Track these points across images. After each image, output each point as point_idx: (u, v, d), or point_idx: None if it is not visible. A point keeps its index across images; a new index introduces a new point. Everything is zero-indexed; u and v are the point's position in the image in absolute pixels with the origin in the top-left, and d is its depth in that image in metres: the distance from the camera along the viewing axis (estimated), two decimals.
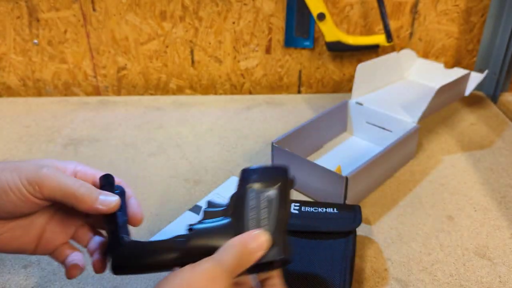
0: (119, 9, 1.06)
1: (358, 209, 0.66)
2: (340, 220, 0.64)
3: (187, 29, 1.09)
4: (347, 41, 1.06)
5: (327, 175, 0.72)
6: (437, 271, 0.62)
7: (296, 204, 0.66)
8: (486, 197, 0.77)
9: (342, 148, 0.90)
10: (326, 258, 0.59)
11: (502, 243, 0.67)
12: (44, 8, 1.06)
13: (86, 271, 0.62)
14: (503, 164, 0.85)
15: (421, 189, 0.79)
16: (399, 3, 1.07)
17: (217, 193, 0.78)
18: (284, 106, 1.09)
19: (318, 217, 0.64)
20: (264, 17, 1.08)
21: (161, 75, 1.15)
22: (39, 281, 0.61)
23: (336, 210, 0.65)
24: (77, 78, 1.15)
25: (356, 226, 0.63)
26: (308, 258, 0.59)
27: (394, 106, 0.91)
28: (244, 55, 1.12)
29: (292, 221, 0.62)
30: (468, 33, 1.11)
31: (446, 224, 0.71)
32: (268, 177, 0.46)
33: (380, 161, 0.76)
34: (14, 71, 1.14)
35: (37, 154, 0.90)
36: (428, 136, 0.95)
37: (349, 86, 1.17)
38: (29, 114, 1.06)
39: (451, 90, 0.91)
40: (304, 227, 0.62)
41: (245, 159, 0.88)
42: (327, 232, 0.62)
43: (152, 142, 0.94)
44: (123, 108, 1.08)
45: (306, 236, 0.62)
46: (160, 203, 0.76)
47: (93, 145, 0.93)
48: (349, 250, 0.60)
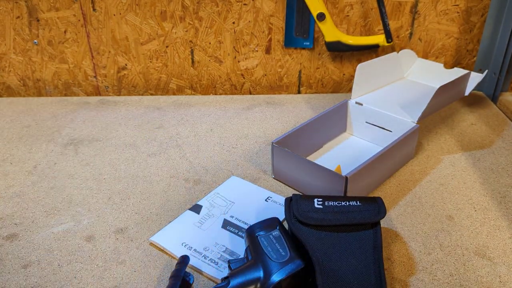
0: (119, 9, 1.06)
1: (380, 200, 0.66)
2: (365, 212, 0.64)
3: (187, 29, 1.09)
4: (347, 41, 1.06)
5: (327, 175, 0.72)
6: (437, 271, 0.62)
7: (319, 199, 0.66)
8: (486, 197, 0.77)
9: (342, 148, 0.90)
10: (357, 250, 0.59)
11: (502, 243, 0.67)
12: (44, 8, 1.06)
13: (86, 271, 0.63)
14: (503, 164, 0.85)
15: (421, 189, 0.79)
16: (399, 3, 1.07)
17: (217, 193, 0.78)
18: (284, 106, 1.09)
19: (342, 210, 0.64)
20: (264, 17, 1.08)
21: (161, 75, 1.15)
22: (39, 281, 0.61)
23: (359, 203, 0.65)
24: (77, 78, 1.15)
25: (382, 217, 0.63)
26: (340, 251, 0.59)
27: (394, 106, 0.91)
28: (244, 55, 1.13)
29: (318, 215, 0.62)
30: (468, 33, 1.11)
31: (446, 224, 0.71)
32: (267, 225, 0.62)
33: (380, 161, 0.76)
34: (14, 71, 1.14)
35: (37, 154, 0.90)
36: (428, 136, 0.95)
37: (349, 86, 1.17)
38: (29, 114, 1.06)
39: (451, 90, 0.91)
40: (330, 221, 0.62)
41: (245, 159, 0.88)
42: (353, 224, 0.63)
43: (152, 142, 0.94)
44: (123, 108, 1.08)
45: (334, 230, 0.62)
46: (160, 203, 0.76)
47: (93, 145, 0.93)
48: (378, 240, 0.61)
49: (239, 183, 0.80)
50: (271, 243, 0.59)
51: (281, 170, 0.80)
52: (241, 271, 0.56)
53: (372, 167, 0.74)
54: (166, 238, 0.67)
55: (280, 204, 0.75)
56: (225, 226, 0.70)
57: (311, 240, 0.59)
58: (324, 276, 0.55)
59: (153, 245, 0.67)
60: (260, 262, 0.56)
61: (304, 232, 0.60)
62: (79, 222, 0.72)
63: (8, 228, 0.71)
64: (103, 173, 0.84)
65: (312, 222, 0.61)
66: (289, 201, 0.66)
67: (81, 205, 0.76)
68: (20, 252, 0.66)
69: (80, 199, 0.77)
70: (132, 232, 0.70)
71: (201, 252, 0.65)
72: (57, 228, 0.71)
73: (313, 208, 0.63)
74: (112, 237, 0.69)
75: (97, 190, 0.79)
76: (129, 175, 0.83)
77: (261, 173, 0.83)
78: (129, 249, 0.66)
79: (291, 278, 0.55)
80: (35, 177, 0.83)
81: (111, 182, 0.81)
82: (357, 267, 0.57)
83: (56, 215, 0.73)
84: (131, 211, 0.74)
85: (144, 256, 0.65)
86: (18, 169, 0.85)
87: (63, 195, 0.78)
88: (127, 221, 0.72)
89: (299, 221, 0.62)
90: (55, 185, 0.81)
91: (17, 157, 0.89)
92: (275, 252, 0.57)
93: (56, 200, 0.77)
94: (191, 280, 0.58)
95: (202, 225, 0.70)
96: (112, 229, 0.70)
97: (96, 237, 0.69)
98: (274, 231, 0.61)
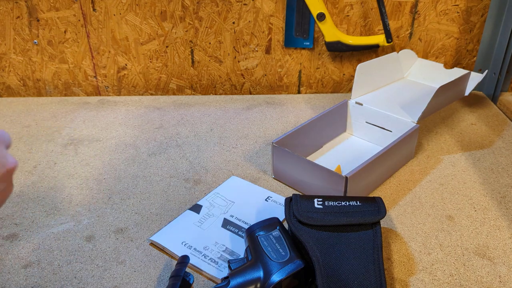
0: (119, 9, 1.06)
1: (380, 200, 0.66)
2: (365, 212, 0.64)
3: (187, 29, 1.09)
4: (347, 41, 1.06)
5: (327, 175, 0.72)
6: (437, 271, 0.62)
7: (319, 199, 0.66)
8: (486, 197, 0.77)
9: (342, 148, 0.90)
10: (357, 250, 0.59)
11: (502, 243, 0.67)
12: (44, 8, 1.06)
13: (86, 271, 0.63)
14: (503, 164, 0.85)
15: (421, 189, 0.79)
16: (399, 3, 1.07)
17: (217, 193, 0.78)
18: (284, 106, 1.09)
19: (342, 210, 0.64)
20: (264, 17, 1.08)
21: (161, 75, 1.15)
22: (39, 281, 0.61)
23: (358, 203, 0.65)
24: (77, 78, 1.15)
25: (382, 217, 0.63)
26: (340, 251, 0.59)
27: (394, 106, 0.91)
28: (244, 55, 1.13)
29: (318, 215, 0.62)
30: (468, 33, 1.11)
31: (446, 224, 0.71)
32: (267, 225, 0.62)
33: (380, 161, 0.76)
34: (14, 71, 1.14)
35: (37, 154, 0.90)
36: (428, 136, 0.95)
37: (349, 86, 1.17)
38: (29, 114, 1.06)
39: (451, 90, 0.91)
40: (330, 221, 0.62)
41: (245, 159, 0.88)
42: (353, 224, 0.63)
43: (152, 142, 0.94)
44: (123, 108, 1.08)
45: (334, 230, 0.62)
46: (160, 203, 0.76)
47: (93, 145, 0.93)
48: (378, 240, 0.61)
49: (239, 183, 0.80)
50: (271, 243, 0.59)
51: (281, 170, 0.80)
52: (241, 271, 0.56)
53: (372, 167, 0.74)
54: (166, 238, 0.67)
55: (280, 204, 0.75)
56: (225, 226, 0.70)
57: (311, 240, 0.59)
58: (324, 276, 0.55)
59: (153, 245, 0.67)
60: (260, 262, 0.56)
61: (304, 232, 0.60)
62: (79, 222, 0.72)
63: (8, 228, 0.71)
64: (103, 173, 0.84)
65: (312, 222, 0.61)
66: (289, 201, 0.66)
67: (81, 205, 0.76)
68: (20, 252, 0.66)
69: (80, 199, 0.77)
70: (132, 232, 0.70)
71: (201, 251, 0.65)
72: (57, 228, 0.71)
73: (313, 208, 0.63)
74: (112, 237, 0.69)
75: (97, 190, 0.79)
76: (129, 175, 0.83)
77: (261, 173, 0.83)
78: (129, 249, 0.66)
79: (291, 278, 0.55)
80: (35, 177, 0.83)
81: (111, 182, 0.81)
82: (357, 267, 0.57)
83: (56, 215, 0.73)
84: (131, 211, 0.74)
85: (144, 256, 0.65)
86: (18, 169, 0.85)
87: (63, 195, 0.78)
88: (127, 221, 0.72)
89: (299, 221, 0.62)
90: (55, 185, 0.81)
91: (17, 157, 0.89)
92: (275, 252, 0.58)
93: (56, 200, 0.77)
94: (191, 280, 0.58)
95: (202, 224, 0.70)
96: (112, 229, 0.70)
97: (96, 237, 0.69)
98: (274, 231, 0.61)
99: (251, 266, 0.56)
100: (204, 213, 0.73)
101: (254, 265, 0.56)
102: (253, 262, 0.57)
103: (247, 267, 0.56)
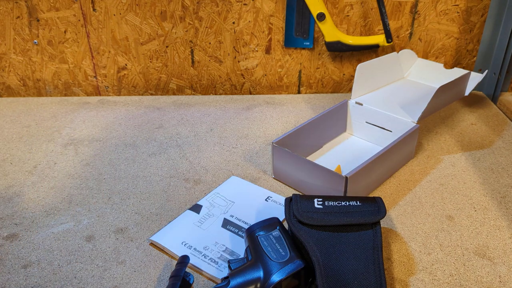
0: (119, 9, 1.06)
1: (380, 200, 0.66)
2: (365, 212, 0.64)
3: (187, 29, 1.09)
4: (347, 41, 1.06)
5: (327, 175, 0.72)
6: (437, 271, 0.62)
7: (319, 199, 0.66)
8: (486, 197, 0.77)
9: (342, 148, 0.90)
10: (357, 250, 0.59)
11: (502, 243, 0.67)
12: (44, 8, 1.06)
13: (86, 271, 0.63)
14: (503, 164, 0.85)
15: (421, 189, 0.79)
16: (399, 3, 1.07)
17: (217, 193, 0.78)
18: (284, 106, 1.09)
19: (342, 210, 0.64)
20: (264, 17, 1.08)
21: (161, 75, 1.15)
22: (39, 281, 0.61)
23: (358, 203, 0.65)
24: (77, 78, 1.15)
25: (382, 217, 0.63)
26: (340, 251, 0.59)
27: (394, 106, 0.91)
28: (244, 55, 1.13)
29: (318, 215, 0.63)
30: (468, 33, 1.11)
31: (446, 224, 0.71)
32: (267, 225, 0.62)
33: (380, 161, 0.76)
34: (14, 71, 1.14)
35: (37, 154, 0.90)
36: (428, 136, 0.95)
37: (349, 86, 1.17)
38: (29, 114, 1.06)
39: (451, 90, 0.91)
40: (330, 221, 0.62)
41: (245, 159, 0.88)
42: (353, 224, 0.63)
43: (152, 142, 0.94)
44: (123, 108, 1.08)
45: (334, 230, 0.62)
46: (160, 203, 0.76)
47: (93, 145, 0.93)
48: (378, 240, 0.61)
49: (239, 183, 0.80)
50: (271, 243, 0.59)
51: (281, 170, 0.80)
52: (241, 271, 0.56)
53: (372, 167, 0.74)
54: (166, 238, 0.67)
55: (280, 204, 0.75)
56: (225, 226, 0.70)
57: (311, 240, 0.59)
58: (324, 276, 0.55)
59: (153, 245, 0.67)
60: (260, 262, 0.56)
61: (304, 232, 0.60)
62: (79, 222, 0.72)
63: (8, 228, 0.71)
64: (103, 173, 0.84)
65: (312, 222, 0.61)
66: (289, 201, 0.66)
67: (81, 205, 0.76)
68: (20, 252, 0.66)
69: (80, 199, 0.77)
70: (132, 232, 0.70)
71: (201, 251, 0.65)
72: (57, 228, 0.71)
73: (313, 208, 0.63)
74: (112, 237, 0.69)
75: (97, 190, 0.79)
76: (129, 175, 0.83)
77: (261, 173, 0.83)
78: (129, 249, 0.66)
79: (291, 278, 0.55)
80: (35, 177, 0.83)
81: (111, 182, 0.81)
82: (357, 267, 0.57)
83: (56, 215, 0.73)
84: (131, 211, 0.74)
85: (144, 256, 0.65)
86: (18, 169, 0.85)
87: (63, 195, 0.78)
88: (127, 221, 0.72)
89: (299, 221, 0.62)
90: (55, 185, 0.81)
91: (17, 157, 0.89)
92: (275, 252, 0.58)
93: (56, 200, 0.77)
94: (191, 280, 0.58)
95: (202, 224, 0.70)
96: (112, 229, 0.70)
97: (96, 237, 0.69)
98: (274, 231, 0.61)
99: (251, 266, 0.56)
100: (204, 213, 0.73)
101: (254, 265, 0.56)
102: (253, 262, 0.57)
103: (247, 267, 0.56)
